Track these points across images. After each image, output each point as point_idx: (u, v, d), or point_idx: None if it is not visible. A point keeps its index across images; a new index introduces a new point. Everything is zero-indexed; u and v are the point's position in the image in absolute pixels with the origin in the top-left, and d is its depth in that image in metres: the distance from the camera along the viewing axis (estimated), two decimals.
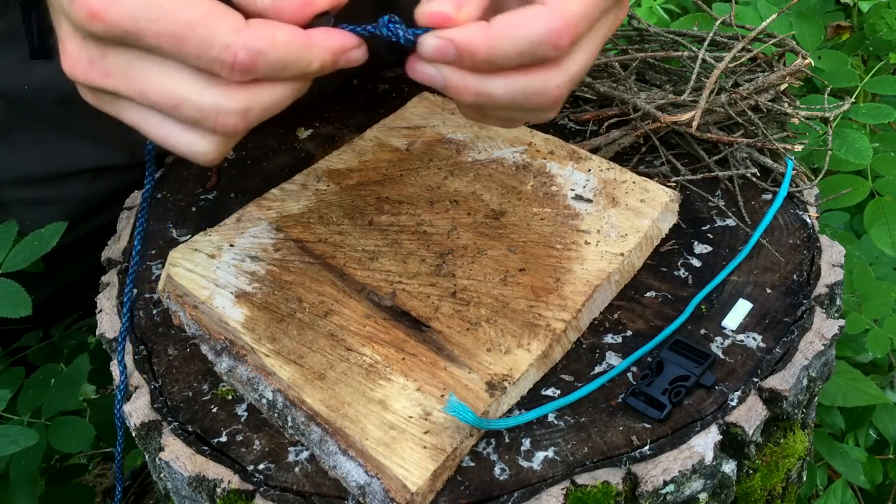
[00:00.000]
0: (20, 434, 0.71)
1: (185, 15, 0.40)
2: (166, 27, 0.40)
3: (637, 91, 0.83)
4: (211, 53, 0.41)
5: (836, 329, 0.61)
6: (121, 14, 0.41)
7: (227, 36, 0.41)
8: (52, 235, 0.74)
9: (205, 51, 0.41)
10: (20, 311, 0.71)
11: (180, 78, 0.42)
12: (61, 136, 0.82)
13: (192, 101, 0.43)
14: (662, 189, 0.70)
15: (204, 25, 0.40)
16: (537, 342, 0.59)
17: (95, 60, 0.43)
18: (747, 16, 1.04)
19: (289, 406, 0.56)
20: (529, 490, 0.52)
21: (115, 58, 0.43)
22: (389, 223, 0.69)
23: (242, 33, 0.41)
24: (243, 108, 0.44)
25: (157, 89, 0.43)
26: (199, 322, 0.63)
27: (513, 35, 0.44)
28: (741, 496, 0.61)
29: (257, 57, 0.41)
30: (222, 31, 0.41)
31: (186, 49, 0.41)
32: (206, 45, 0.41)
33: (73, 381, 0.83)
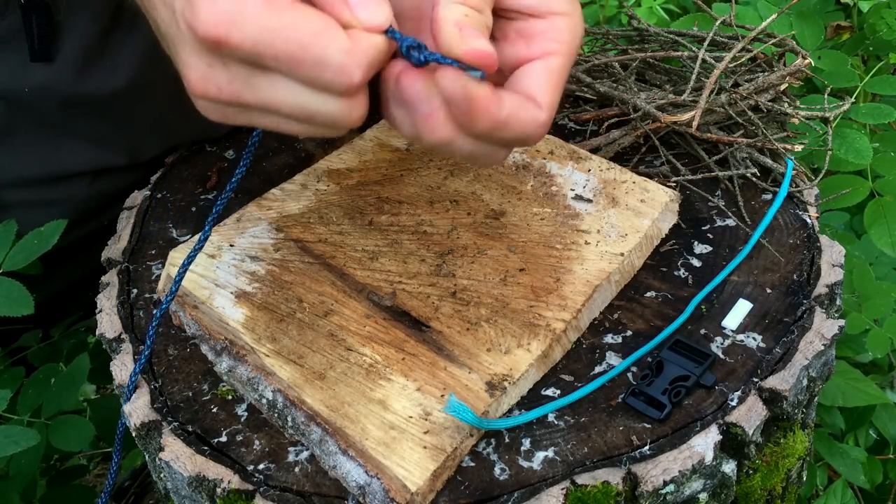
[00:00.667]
0: (21, 434, 0.71)
1: (297, 36, 0.42)
2: (282, 48, 0.42)
3: (637, 91, 0.83)
4: (326, 75, 0.43)
5: (836, 329, 0.61)
6: (242, 38, 0.42)
7: (340, 57, 0.42)
8: (52, 234, 0.74)
9: (321, 73, 0.43)
10: (22, 309, 0.71)
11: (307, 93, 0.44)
12: (61, 138, 0.82)
13: (324, 112, 0.45)
14: (662, 189, 0.70)
15: (316, 45, 0.42)
16: (537, 342, 0.59)
17: (223, 85, 0.45)
18: (747, 16, 1.04)
19: (289, 406, 0.56)
20: (529, 490, 0.52)
21: (241, 80, 0.45)
22: (389, 223, 0.69)
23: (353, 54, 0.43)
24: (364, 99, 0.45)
25: (288, 105, 0.45)
26: (199, 322, 0.63)
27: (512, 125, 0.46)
28: (741, 496, 0.61)
29: (367, 74, 0.43)
30: (334, 52, 0.42)
31: (304, 71, 0.43)
32: (321, 66, 0.43)
33: (74, 380, 0.83)
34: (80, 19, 0.77)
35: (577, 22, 0.50)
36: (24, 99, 0.78)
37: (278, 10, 0.42)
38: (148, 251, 0.74)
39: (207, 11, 0.42)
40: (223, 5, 0.42)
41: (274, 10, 0.42)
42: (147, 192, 0.81)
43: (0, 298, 0.71)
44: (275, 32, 0.42)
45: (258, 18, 0.42)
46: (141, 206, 0.79)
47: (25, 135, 0.81)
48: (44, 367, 0.85)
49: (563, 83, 0.49)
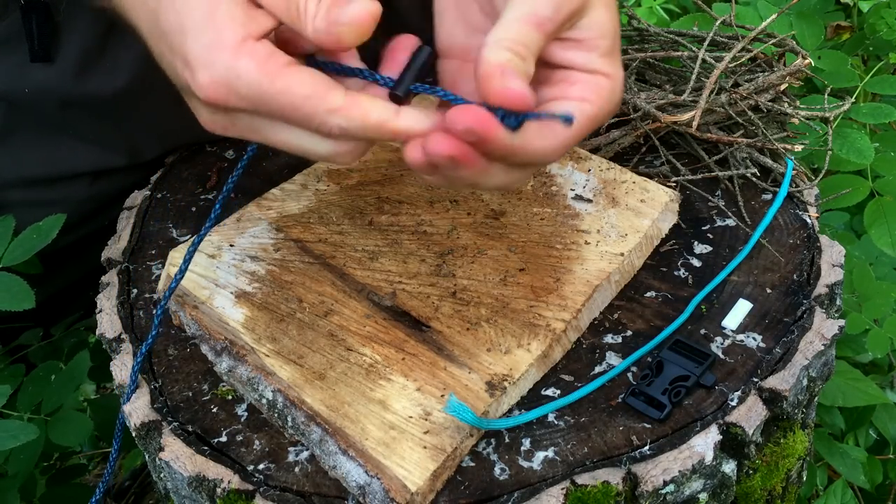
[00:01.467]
0: (20, 429, 0.71)
1: (289, 100, 0.46)
2: (275, 109, 0.47)
3: (637, 91, 0.83)
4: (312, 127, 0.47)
5: (836, 329, 0.61)
6: (239, 101, 0.47)
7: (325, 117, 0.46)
8: (51, 228, 0.74)
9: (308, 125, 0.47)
10: (23, 303, 0.70)
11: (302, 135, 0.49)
12: (61, 139, 0.82)
13: (318, 150, 0.49)
14: (662, 189, 0.70)
15: (305, 108, 0.46)
16: (537, 342, 0.59)
17: (228, 126, 0.50)
18: (747, 16, 1.04)
19: (289, 406, 0.56)
20: (529, 490, 0.52)
21: (243, 123, 0.50)
22: (389, 223, 0.69)
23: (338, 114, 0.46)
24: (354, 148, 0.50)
25: (286, 143, 0.50)
26: (199, 322, 0.63)
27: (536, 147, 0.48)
28: (741, 496, 0.61)
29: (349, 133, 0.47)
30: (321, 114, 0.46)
31: (296, 123, 0.48)
32: (308, 122, 0.47)
33: (74, 376, 0.83)
34: (80, 20, 0.77)
35: (618, 87, 0.52)
36: (25, 99, 0.78)
37: (273, 76, 0.46)
38: (148, 251, 0.74)
39: (206, 78, 0.46)
40: (219, 71, 0.46)
41: (268, 75, 0.46)
42: (147, 192, 0.81)
43: (1, 293, 0.70)
44: (269, 96, 0.46)
45: (253, 83, 0.46)
46: (141, 206, 0.79)
47: (26, 135, 0.81)
48: (44, 364, 0.85)
49: (586, 132, 0.50)
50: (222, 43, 0.46)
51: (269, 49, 0.47)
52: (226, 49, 0.46)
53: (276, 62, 0.46)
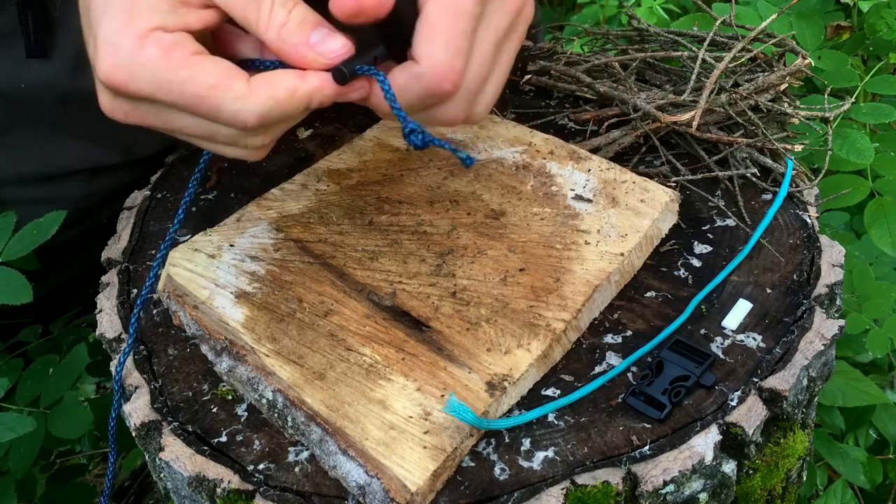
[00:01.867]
0: (17, 421, 0.71)
1: (193, 89, 0.46)
2: (178, 99, 0.46)
3: (637, 91, 0.83)
4: (221, 119, 0.47)
5: (836, 329, 0.61)
6: (139, 88, 0.46)
7: (233, 105, 0.46)
8: (51, 224, 0.74)
9: (216, 117, 0.47)
10: (21, 297, 0.70)
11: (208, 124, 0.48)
12: (58, 136, 0.82)
13: (222, 133, 0.49)
14: (662, 189, 0.70)
15: (210, 98, 0.46)
16: (537, 342, 0.59)
17: (129, 111, 0.50)
18: (747, 16, 1.04)
19: (289, 406, 0.56)
20: (529, 490, 0.52)
21: (145, 108, 0.49)
22: (389, 223, 0.69)
23: (247, 101, 0.46)
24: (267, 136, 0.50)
25: (189, 128, 0.49)
26: (199, 322, 0.63)
27: None
28: (741, 496, 0.61)
29: (264, 118, 0.47)
30: (228, 101, 0.46)
31: (201, 114, 0.47)
32: (216, 113, 0.47)
33: (72, 369, 0.83)
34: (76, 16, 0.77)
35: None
36: (21, 96, 0.78)
37: (176, 65, 0.46)
38: (148, 251, 0.74)
39: (107, 61, 0.46)
40: (123, 56, 0.46)
41: (172, 64, 0.46)
42: (147, 192, 0.81)
43: None
44: (171, 84, 0.46)
45: (155, 71, 0.46)
46: (141, 206, 0.79)
47: (23, 132, 0.81)
48: (41, 358, 0.85)
49: (473, 20, 0.49)
50: (131, 29, 0.46)
51: (176, 39, 0.46)
52: (132, 35, 0.46)
53: (181, 51, 0.46)
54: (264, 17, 0.47)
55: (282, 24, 0.47)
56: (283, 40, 0.47)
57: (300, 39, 0.47)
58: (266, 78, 0.47)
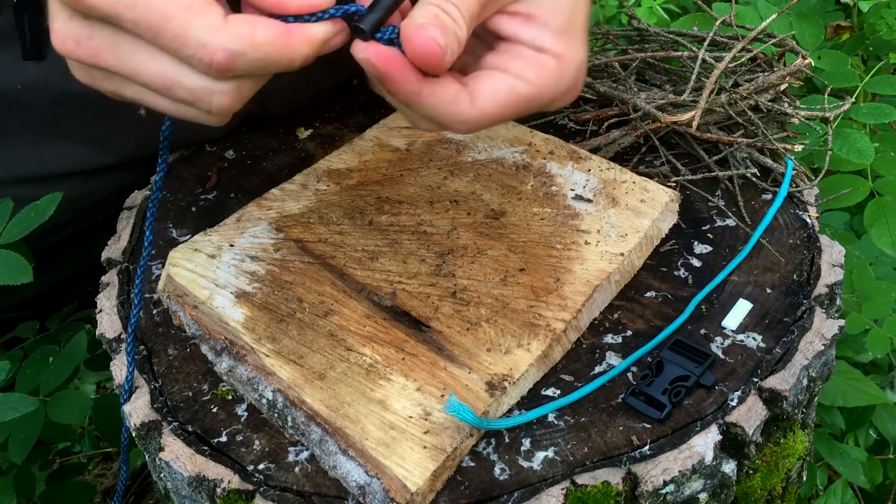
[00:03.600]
0: (19, 401, 0.71)
1: (162, 6, 0.40)
2: (143, 15, 0.40)
3: (637, 91, 0.83)
4: (187, 51, 0.40)
5: (836, 329, 0.61)
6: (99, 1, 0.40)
7: (202, 34, 0.40)
8: (48, 206, 0.74)
9: (181, 46, 0.40)
10: (21, 277, 0.70)
11: (167, 62, 0.42)
12: (53, 137, 0.82)
13: (184, 84, 0.42)
14: (662, 189, 0.70)
15: (179, 20, 0.40)
16: (537, 342, 0.59)
17: (82, 39, 0.43)
18: (747, 16, 1.04)
19: (289, 406, 0.56)
20: (529, 490, 0.52)
21: (101, 38, 0.42)
22: (389, 223, 0.69)
23: (220, 32, 0.40)
24: (234, 88, 0.43)
25: (147, 71, 0.42)
26: (199, 322, 0.63)
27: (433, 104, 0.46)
28: (741, 496, 0.61)
29: (235, 58, 0.41)
30: (198, 28, 0.40)
31: (163, 41, 0.41)
32: (182, 41, 0.40)
33: (71, 358, 0.82)
34: None
35: (568, 70, 0.49)
36: (17, 97, 0.78)
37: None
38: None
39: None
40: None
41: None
42: (147, 192, 0.81)
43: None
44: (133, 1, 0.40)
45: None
46: (141, 206, 0.79)
47: (18, 133, 0.81)
48: (41, 348, 0.85)
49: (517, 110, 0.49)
50: None
51: None
52: None
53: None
54: None
55: None
56: None
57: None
58: (246, 17, 0.41)
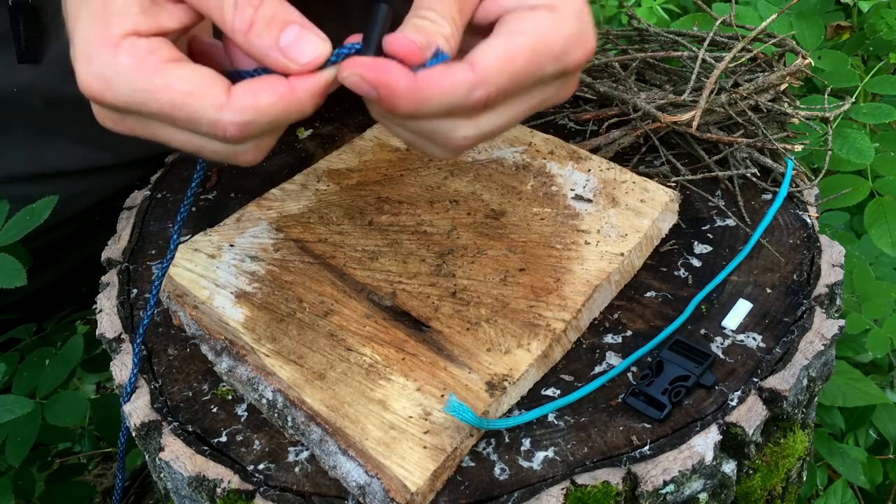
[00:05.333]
0: (15, 402, 0.71)
1: (168, 98, 0.43)
2: (155, 108, 0.44)
3: (637, 91, 0.83)
4: (202, 129, 0.44)
5: (836, 329, 0.61)
6: (115, 98, 0.44)
7: (211, 114, 0.43)
8: (44, 209, 0.74)
9: (196, 126, 0.44)
10: (15, 280, 0.70)
11: (193, 136, 0.46)
12: (49, 138, 0.82)
13: (209, 149, 0.46)
14: (662, 189, 0.70)
15: (188, 106, 0.43)
16: (537, 342, 0.59)
17: (117, 121, 0.48)
18: (747, 16, 1.04)
19: (289, 406, 0.56)
20: (529, 490, 0.52)
21: (132, 119, 0.47)
22: (389, 223, 0.69)
23: (225, 109, 0.43)
24: (254, 146, 0.47)
25: (177, 141, 0.47)
26: (199, 322, 0.63)
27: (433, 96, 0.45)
28: (741, 496, 0.61)
29: (246, 128, 0.44)
30: (205, 110, 0.43)
31: (180, 124, 0.44)
32: (194, 124, 0.44)
33: (68, 360, 0.82)
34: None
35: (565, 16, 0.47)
36: (13, 99, 0.78)
37: (150, 73, 0.43)
38: (148, 251, 0.74)
39: (83, 72, 0.44)
40: (97, 67, 0.44)
41: (145, 72, 0.43)
42: (147, 192, 0.81)
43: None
44: (147, 93, 0.43)
45: (130, 80, 0.43)
46: (141, 206, 0.79)
47: (14, 134, 0.81)
48: (37, 350, 0.84)
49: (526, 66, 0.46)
50: (104, 37, 0.44)
51: (151, 45, 0.44)
52: (105, 44, 0.44)
53: (156, 58, 0.43)
54: (229, 17, 0.43)
55: (249, 24, 0.43)
56: (252, 44, 0.44)
57: (269, 42, 0.43)
58: (249, 85, 0.44)
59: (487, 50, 0.46)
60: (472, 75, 0.45)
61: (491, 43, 0.46)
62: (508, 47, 0.46)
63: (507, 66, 0.46)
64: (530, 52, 0.46)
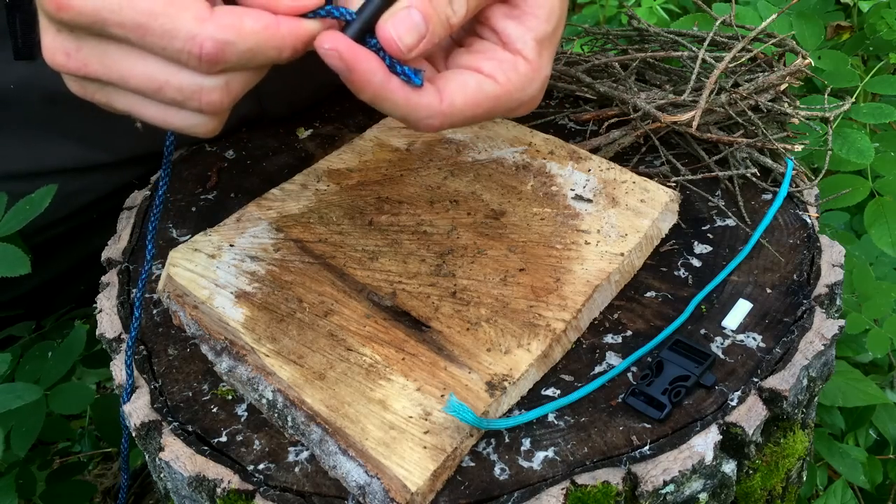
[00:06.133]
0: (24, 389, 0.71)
1: (147, 4, 0.40)
2: (128, 17, 0.41)
3: (637, 91, 0.83)
4: (175, 45, 0.41)
5: (836, 329, 0.61)
6: (84, 4, 0.41)
7: (190, 26, 0.40)
8: (43, 199, 0.73)
9: (170, 42, 0.41)
10: (19, 269, 0.70)
11: (155, 63, 0.42)
12: (46, 135, 0.82)
13: (173, 83, 0.43)
14: (662, 189, 0.70)
15: (166, 15, 0.40)
16: (537, 342, 0.59)
17: (71, 52, 0.44)
18: (747, 16, 1.04)
19: (289, 406, 0.56)
20: (529, 490, 0.52)
21: (89, 48, 0.43)
22: (389, 223, 0.69)
23: (207, 23, 0.41)
24: (223, 84, 0.44)
25: (135, 75, 0.43)
26: (199, 322, 0.63)
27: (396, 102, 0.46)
28: (741, 496, 0.61)
29: (225, 47, 0.41)
30: (185, 21, 0.40)
31: (151, 39, 0.41)
32: (170, 35, 0.41)
33: (71, 351, 0.82)
34: None
35: (536, 79, 0.50)
36: (10, 96, 0.78)
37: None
38: None
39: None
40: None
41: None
42: (147, 192, 0.81)
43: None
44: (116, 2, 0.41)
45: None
46: (141, 206, 0.79)
47: (10, 131, 0.81)
48: (39, 344, 0.85)
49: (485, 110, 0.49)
50: None
51: None
52: None
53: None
54: None
55: None
56: None
57: None
58: (233, 9, 0.42)
59: (460, 89, 0.48)
60: (436, 107, 0.47)
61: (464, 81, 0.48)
62: (478, 94, 0.48)
63: (469, 110, 0.48)
64: (493, 103, 0.49)
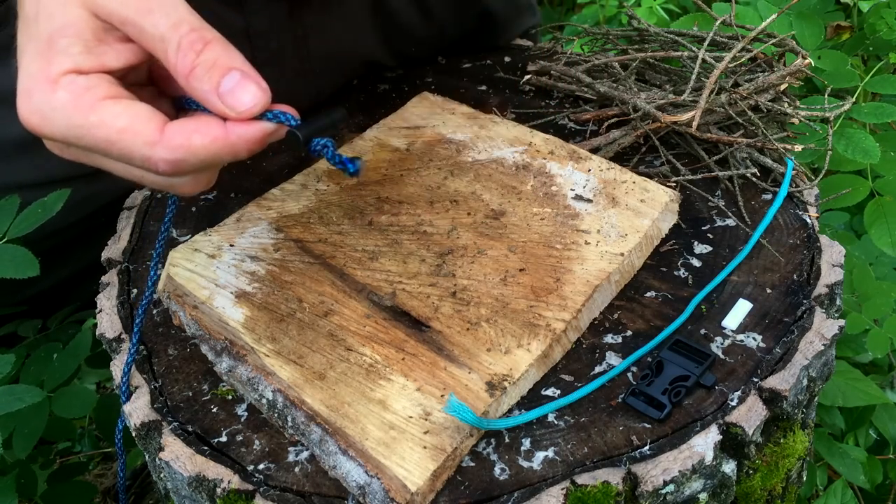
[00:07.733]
0: (25, 392, 0.71)
1: (103, 134, 0.45)
2: (91, 142, 0.46)
3: (637, 91, 0.83)
4: (135, 163, 0.46)
5: (836, 329, 0.61)
6: (53, 132, 0.46)
7: (143, 150, 0.45)
8: (55, 203, 0.74)
9: (130, 161, 0.46)
10: (28, 271, 0.70)
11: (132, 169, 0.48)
12: None
13: (147, 180, 0.49)
14: (662, 189, 0.70)
15: (121, 142, 0.45)
16: (537, 342, 0.59)
17: (62, 149, 0.50)
18: (747, 16, 1.04)
19: (289, 406, 0.56)
20: (529, 490, 0.52)
21: (73, 149, 0.49)
22: (389, 223, 0.69)
23: (157, 147, 0.45)
24: (191, 179, 0.49)
25: (117, 171, 0.49)
26: (199, 322, 0.63)
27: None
28: (741, 496, 0.61)
29: (178, 164, 0.46)
30: (138, 147, 0.45)
31: (115, 157, 0.47)
32: (128, 157, 0.46)
33: (76, 353, 0.83)
34: None
35: None
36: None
37: (86, 109, 0.45)
38: (148, 251, 0.74)
39: (23, 107, 0.47)
40: (36, 102, 0.46)
41: (81, 109, 0.45)
42: (147, 192, 0.81)
43: (6, 262, 0.71)
44: (82, 129, 0.45)
45: (66, 116, 0.45)
46: (141, 206, 0.79)
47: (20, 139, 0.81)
48: (44, 346, 0.85)
49: None
50: (45, 74, 0.46)
51: (89, 82, 0.46)
52: (45, 80, 0.45)
53: (92, 95, 0.45)
54: (172, 58, 0.45)
55: (191, 67, 0.45)
56: (193, 87, 0.45)
57: (209, 87, 0.45)
58: (185, 124, 0.45)
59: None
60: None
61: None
62: None
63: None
64: None
